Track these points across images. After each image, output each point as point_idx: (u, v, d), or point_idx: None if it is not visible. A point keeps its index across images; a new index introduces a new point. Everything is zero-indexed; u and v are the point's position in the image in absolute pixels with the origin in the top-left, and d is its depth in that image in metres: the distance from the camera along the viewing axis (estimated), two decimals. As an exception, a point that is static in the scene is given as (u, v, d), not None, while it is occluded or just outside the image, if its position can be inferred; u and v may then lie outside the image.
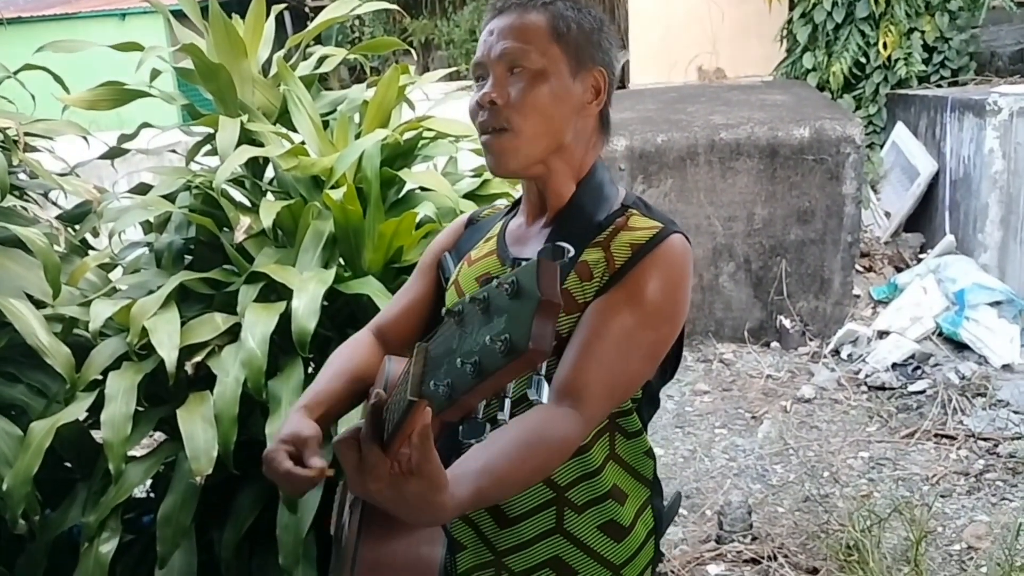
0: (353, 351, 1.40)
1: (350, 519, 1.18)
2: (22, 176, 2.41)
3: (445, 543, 1.11)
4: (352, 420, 1.42)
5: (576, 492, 1.23)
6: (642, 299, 1.15)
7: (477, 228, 1.43)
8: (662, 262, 1.17)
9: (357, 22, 9.76)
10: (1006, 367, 4.17)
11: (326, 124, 2.40)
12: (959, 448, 3.62)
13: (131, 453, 1.93)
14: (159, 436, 2.22)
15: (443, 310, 0.76)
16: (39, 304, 2.00)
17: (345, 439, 0.87)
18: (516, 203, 1.39)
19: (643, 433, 1.29)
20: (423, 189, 2.28)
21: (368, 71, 2.98)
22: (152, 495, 2.32)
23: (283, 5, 2.51)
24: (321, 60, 2.55)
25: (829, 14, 6.10)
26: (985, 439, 3.65)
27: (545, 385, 0.71)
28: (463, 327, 0.73)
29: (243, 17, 2.41)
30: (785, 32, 6.69)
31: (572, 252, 1.17)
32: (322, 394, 1.29)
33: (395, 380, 1.22)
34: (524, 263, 0.70)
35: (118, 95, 2.36)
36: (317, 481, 1.13)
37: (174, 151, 2.66)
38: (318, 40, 2.65)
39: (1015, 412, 3.82)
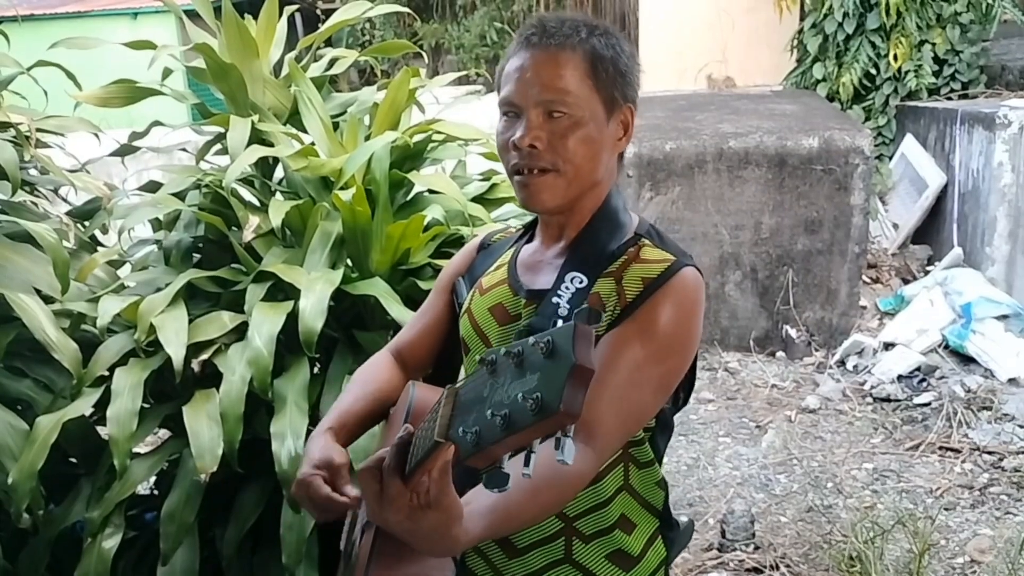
0: (374, 373, 1.42)
1: (362, 538, 1.19)
2: (33, 172, 2.42)
3: (454, 571, 1.13)
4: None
5: (584, 522, 1.24)
6: (654, 333, 1.15)
7: (489, 252, 1.44)
8: (674, 296, 1.17)
9: (368, 25, 9.77)
10: (1012, 381, 4.15)
11: (336, 125, 2.40)
12: (964, 461, 3.60)
13: (136, 450, 1.94)
14: (164, 433, 2.23)
15: (478, 358, 0.78)
16: (47, 299, 2.00)
17: (368, 468, 0.91)
18: (528, 227, 1.39)
19: (655, 463, 1.29)
20: (432, 192, 2.29)
21: (378, 74, 3.00)
22: (156, 492, 2.32)
23: (295, 7, 2.51)
24: (332, 62, 2.56)
25: (840, 25, 6.10)
26: (990, 453, 3.64)
27: (571, 446, 0.72)
28: (495, 377, 0.75)
29: (255, 18, 2.42)
30: (795, 42, 6.69)
31: (604, 319, 1.17)
32: (347, 415, 1.32)
33: (418, 409, 1.24)
34: (562, 324, 0.72)
35: (130, 93, 2.37)
36: (351, 508, 1.17)
37: (184, 150, 2.67)
38: (329, 42, 2.66)
39: (1020, 426, 3.81)
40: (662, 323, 1.15)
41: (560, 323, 1.14)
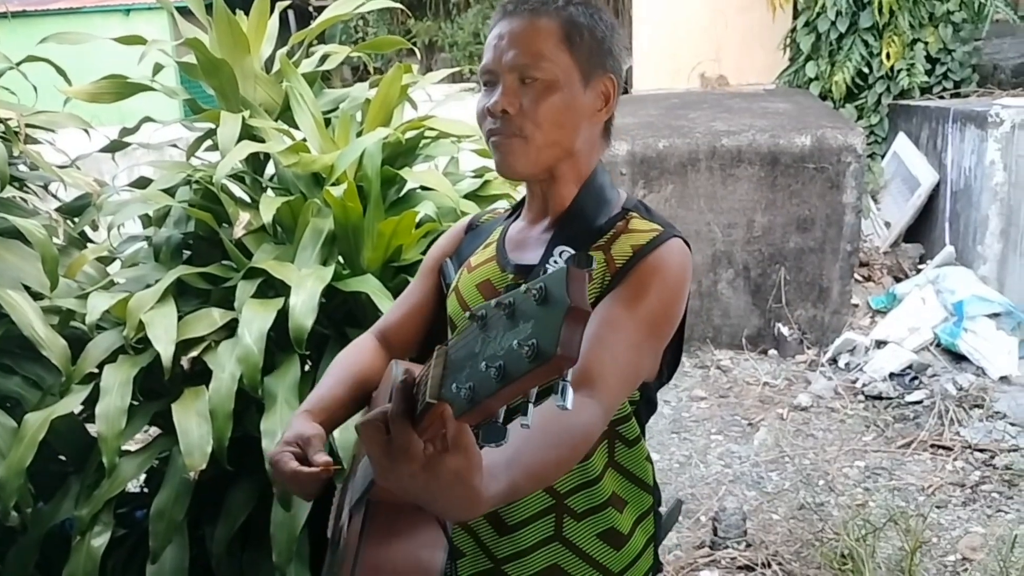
0: (356, 356, 1.40)
1: (351, 522, 1.17)
2: (22, 167, 2.41)
3: (447, 549, 1.10)
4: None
5: (575, 500, 1.23)
6: (645, 296, 1.15)
7: (477, 233, 1.43)
8: (663, 263, 1.18)
9: (361, 22, 9.77)
10: (1003, 379, 4.17)
11: (328, 122, 2.39)
12: (955, 459, 3.61)
13: (125, 447, 1.93)
14: (154, 431, 2.21)
15: (466, 314, 0.75)
16: (36, 296, 1.99)
17: (370, 420, 0.82)
18: (516, 207, 1.39)
19: (642, 439, 1.29)
20: (424, 188, 2.28)
21: (371, 71, 2.98)
22: (146, 490, 2.31)
23: (287, 2, 2.50)
24: (324, 58, 2.55)
25: (833, 23, 6.11)
26: (981, 450, 3.65)
27: (571, 391, 0.70)
28: (487, 332, 0.72)
29: (247, 14, 2.41)
30: (788, 41, 6.70)
31: (595, 264, 1.16)
32: (325, 399, 1.30)
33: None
34: (552, 270, 0.70)
35: (120, 88, 2.35)
36: (324, 477, 1.13)
37: (175, 146, 2.66)
38: (322, 39, 2.65)
39: (1012, 424, 3.82)
40: (652, 288, 1.16)
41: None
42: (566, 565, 1.23)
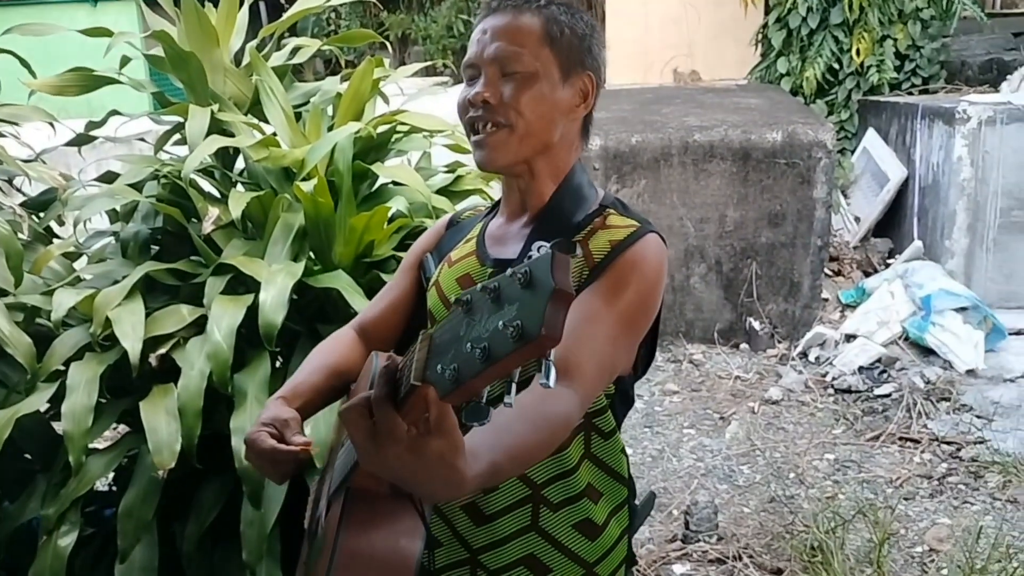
0: (334, 347, 1.41)
1: (330, 509, 1.18)
2: (-15, 161, 2.37)
3: (424, 537, 1.11)
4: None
5: (552, 490, 1.25)
6: (623, 291, 1.18)
7: (458, 229, 1.45)
8: (640, 257, 1.20)
9: (333, 15, 9.70)
10: (970, 372, 4.23)
11: (298, 116, 2.38)
12: (923, 452, 3.66)
13: (93, 445, 1.91)
14: (123, 428, 2.19)
15: (453, 299, 0.76)
16: (1, 292, 1.96)
17: (354, 405, 0.84)
18: (496, 204, 1.41)
19: (617, 432, 1.31)
20: (396, 184, 2.27)
21: (343, 64, 2.95)
22: (114, 488, 2.28)
23: (258, -6, 2.48)
24: (294, 51, 2.53)
25: (804, 19, 6.16)
26: (948, 443, 3.70)
27: (554, 369, 0.72)
28: (471, 315, 0.74)
29: (216, 6, 2.38)
30: (760, 36, 6.74)
31: (579, 251, 1.19)
32: (302, 386, 1.31)
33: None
34: (536, 255, 0.72)
35: (86, 81, 2.32)
36: (302, 458, 1.15)
37: (143, 139, 2.63)
38: (293, 31, 2.63)
39: (978, 416, 3.88)
40: (630, 282, 1.19)
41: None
42: (542, 555, 1.25)
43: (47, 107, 2.41)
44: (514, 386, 0.74)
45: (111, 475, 2.19)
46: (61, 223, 2.34)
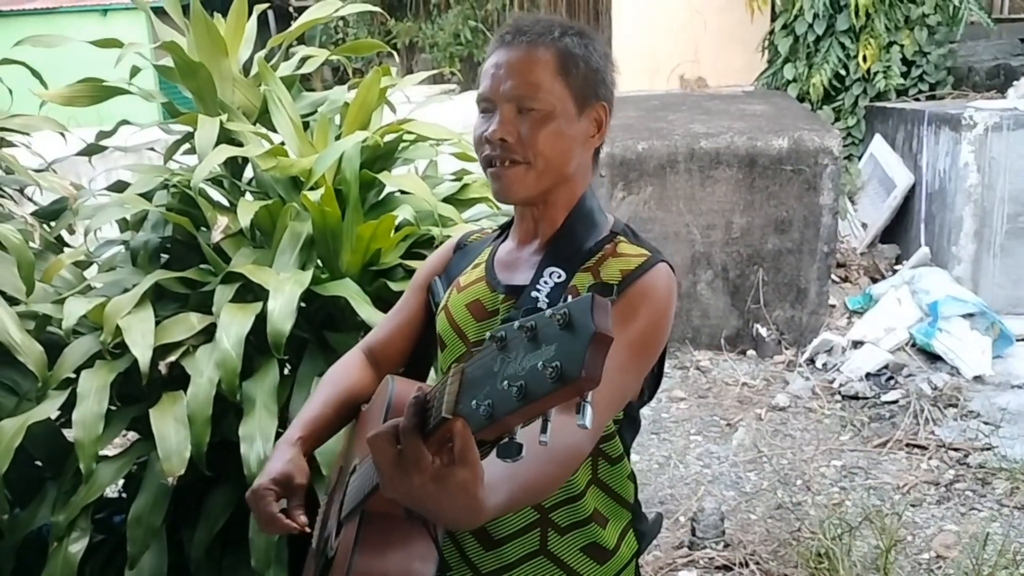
0: (344, 374, 1.44)
1: (343, 531, 1.20)
2: (-3, 171, 2.39)
3: (437, 562, 1.13)
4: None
5: (559, 514, 1.26)
6: (634, 321, 1.18)
7: (466, 252, 1.46)
8: (651, 288, 1.21)
9: (341, 23, 9.74)
10: (977, 378, 4.22)
11: (306, 125, 2.39)
12: (930, 458, 3.66)
13: (103, 453, 1.92)
14: (132, 436, 2.21)
15: (487, 334, 0.77)
16: (12, 301, 1.98)
17: (381, 434, 0.86)
18: (503, 227, 1.42)
19: (624, 458, 1.32)
20: (403, 192, 2.28)
21: (351, 73, 2.99)
22: (124, 495, 2.30)
23: (266, 4, 2.50)
24: (303, 61, 2.55)
25: (810, 26, 6.17)
26: (955, 449, 3.69)
27: (590, 411, 0.73)
28: (506, 352, 0.75)
29: (226, 16, 2.41)
30: (767, 43, 6.75)
31: (615, 297, 1.20)
32: (317, 421, 1.34)
33: (398, 403, 1.25)
34: (574, 298, 0.73)
35: (96, 92, 2.34)
36: (293, 531, 1.20)
37: (153, 149, 2.65)
38: (301, 41, 2.65)
39: (985, 423, 3.87)
40: (640, 313, 1.19)
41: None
42: None
43: (58, 117, 2.43)
44: (550, 425, 0.75)
45: (121, 482, 2.20)
46: (72, 232, 2.35)
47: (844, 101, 6.21)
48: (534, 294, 1.22)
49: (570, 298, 1.20)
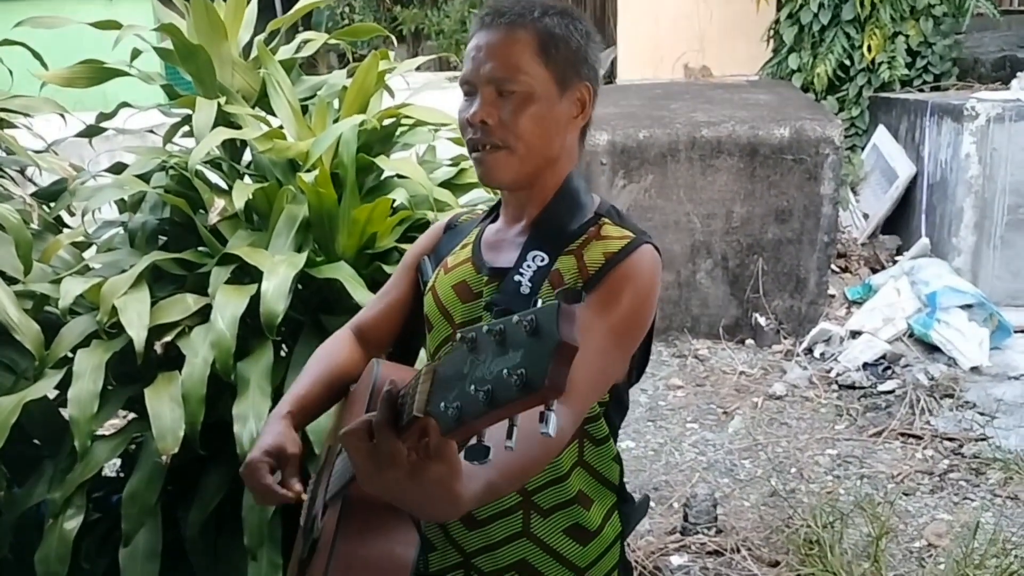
0: (333, 351, 1.44)
1: (326, 515, 1.21)
2: (-2, 152, 2.41)
3: (419, 546, 1.14)
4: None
5: (543, 496, 1.26)
6: (617, 304, 1.18)
7: (456, 232, 1.46)
8: (634, 271, 1.21)
9: (347, 9, 9.73)
10: (974, 369, 4.23)
11: (306, 109, 2.40)
12: (925, 448, 3.67)
13: (99, 432, 1.94)
14: (129, 415, 2.23)
15: (458, 335, 0.78)
16: (10, 280, 2.00)
17: (355, 429, 0.86)
18: (493, 208, 1.42)
19: (610, 439, 1.32)
20: (399, 176, 2.29)
21: (352, 59, 2.99)
22: (121, 474, 2.33)
23: (268, -11, 2.51)
24: (302, 44, 2.56)
25: (815, 16, 6.13)
26: (950, 439, 3.71)
27: (554, 419, 0.73)
28: (476, 354, 0.75)
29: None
30: (771, 32, 6.72)
31: (584, 298, 1.20)
32: (306, 398, 1.35)
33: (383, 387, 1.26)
34: (544, 303, 0.73)
35: (96, 73, 2.36)
36: (290, 501, 1.20)
37: (153, 131, 2.66)
38: (308, 26, 2.65)
39: (980, 414, 3.88)
40: (624, 295, 1.19)
41: (520, 299, 1.20)
42: (534, 560, 1.27)
43: (63, 99, 2.44)
44: (516, 430, 0.75)
45: (117, 461, 2.23)
46: (71, 213, 2.37)
47: (848, 91, 6.18)
48: (517, 278, 1.23)
49: (551, 285, 1.22)
